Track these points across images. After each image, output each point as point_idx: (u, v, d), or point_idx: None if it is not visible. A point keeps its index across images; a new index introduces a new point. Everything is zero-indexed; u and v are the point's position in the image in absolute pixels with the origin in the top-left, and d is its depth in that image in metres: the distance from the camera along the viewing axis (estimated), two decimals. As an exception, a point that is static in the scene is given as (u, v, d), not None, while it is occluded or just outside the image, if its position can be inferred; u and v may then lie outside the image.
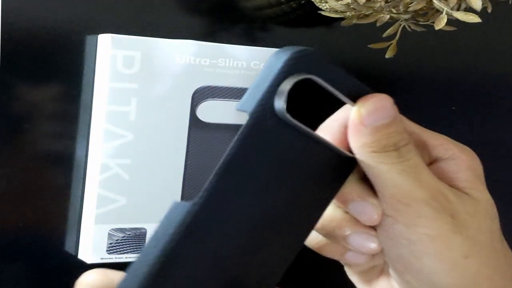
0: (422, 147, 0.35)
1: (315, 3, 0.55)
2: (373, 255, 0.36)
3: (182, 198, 0.55)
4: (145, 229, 0.54)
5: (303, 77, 0.31)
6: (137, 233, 0.54)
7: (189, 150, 0.55)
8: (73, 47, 0.53)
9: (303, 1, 0.58)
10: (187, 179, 0.55)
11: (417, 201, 0.32)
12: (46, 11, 0.52)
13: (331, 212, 0.35)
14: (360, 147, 0.32)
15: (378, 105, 0.32)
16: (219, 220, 0.30)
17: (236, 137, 0.30)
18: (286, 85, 0.30)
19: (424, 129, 0.35)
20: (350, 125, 0.33)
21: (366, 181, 0.34)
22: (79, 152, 0.54)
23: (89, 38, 0.53)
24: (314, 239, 0.37)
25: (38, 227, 0.54)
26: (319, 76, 0.31)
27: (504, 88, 0.70)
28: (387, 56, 0.54)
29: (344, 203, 0.35)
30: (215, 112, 0.55)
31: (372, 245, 0.35)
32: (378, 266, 0.38)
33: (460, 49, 0.67)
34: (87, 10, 0.53)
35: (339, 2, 0.50)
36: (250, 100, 0.30)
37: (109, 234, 0.53)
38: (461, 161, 0.35)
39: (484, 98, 0.69)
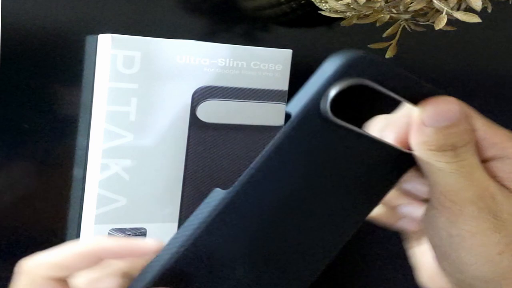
0: (482, 144, 0.36)
1: (315, 3, 0.55)
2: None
3: (182, 198, 0.55)
4: (145, 229, 0.54)
5: (354, 82, 0.32)
6: (137, 233, 0.54)
7: (189, 150, 0.55)
8: (73, 47, 0.53)
9: (303, 1, 0.58)
10: (187, 179, 0.55)
11: (463, 200, 0.34)
12: (46, 11, 0.52)
13: None
14: (418, 144, 0.34)
15: (441, 109, 0.34)
16: (255, 209, 0.33)
17: (277, 136, 0.32)
18: (334, 90, 0.32)
19: (489, 125, 0.36)
20: (412, 124, 0.34)
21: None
22: (79, 152, 0.54)
23: (89, 38, 0.53)
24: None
25: (38, 227, 0.54)
26: (374, 80, 0.32)
27: (504, 88, 0.70)
28: (387, 56, 0.54)
29: None
30: (215, 112, 0.55)
31: (419, 212, 0.38)
32: None
33: (460, 49, 0.67)
34: (87, 10, 0.53)
35: (339, 2, 0.50)
36: (297, 103, 0.32)
37: (109, 234, 0.53)
38: None
39: (484, 98, 0.69)
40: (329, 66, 0.32)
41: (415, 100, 0.34)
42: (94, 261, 0.36)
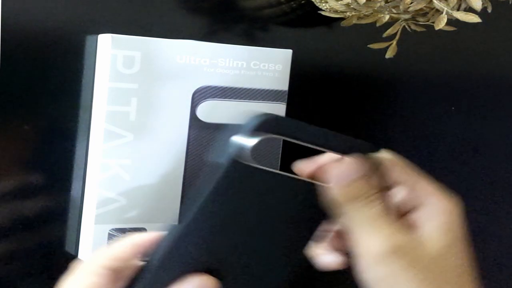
0: (405, 195, 0.41)
1: (315, 3, 0.55)
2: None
3: (182, 198, 0.55)
4: (145, 229, 0.54)
5: (268, 136, 0.38)
6: (137, 233, 0.54)
7: (189, 150, 0.55)
8: (73, 47, 0.53)
9: (303, 1, 0.58)
10: (187, 179, 0.55)
11: (370, 246, 0.39)
12: (46, 11, 0.52)
13: None
14: (333, 194, 0.40)
15: (342, 169, 0.40)
16: (202, 242, 0.39)
17: (210, 185, 0.38)
18: (251, 142, 0.38)
19: (415, 177, 0.41)
20: (328, 178, 0.40)
21: None
22: (79, 152, 0.54)
23: (89, 38, 0.53)
24: None
25: (38, 227, 0.54)
26: (283, 134, 0.39)
27: (504, 88, 0.70)
28: (387, 56, 0.54)
29: None
30: (215, 112, 0.55)
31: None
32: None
33: (460, 49, 0.67)
34: (87, 10, 0.53)
35: (339, 2, 0.50)
36: (223, 154, 0.39)
37: (109, 234, 0.53)
38: (430, 211, 0.40)
39: (484, 98, 0.69)
40: (245, 125, 0.38)
41: (325, 145, 0.40)
42: (142, 253, 0.41)
